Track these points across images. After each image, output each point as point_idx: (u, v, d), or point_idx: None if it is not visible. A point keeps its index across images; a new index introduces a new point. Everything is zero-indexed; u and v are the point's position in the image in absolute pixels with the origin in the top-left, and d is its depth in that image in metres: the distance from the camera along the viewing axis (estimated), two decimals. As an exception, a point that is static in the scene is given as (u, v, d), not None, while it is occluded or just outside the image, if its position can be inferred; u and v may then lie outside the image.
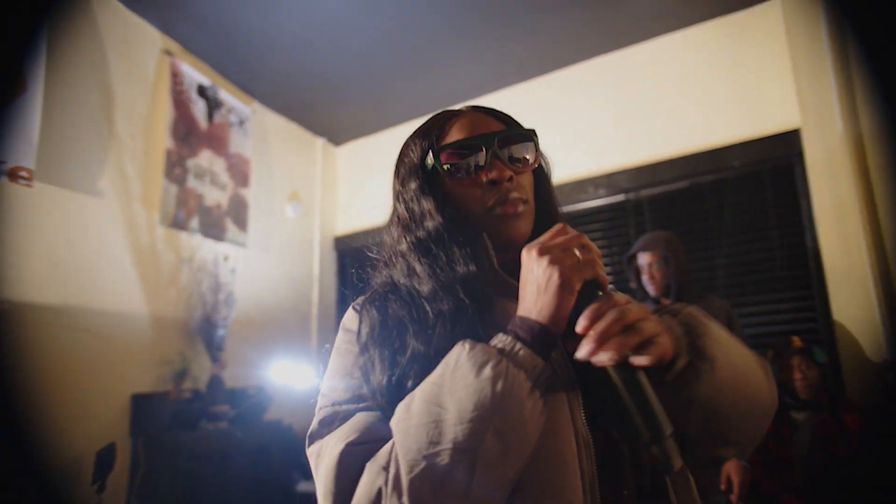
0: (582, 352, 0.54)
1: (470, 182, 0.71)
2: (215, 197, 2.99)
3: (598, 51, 3.11)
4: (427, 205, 0.72)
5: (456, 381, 0.54)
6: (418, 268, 0.71)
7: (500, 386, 0.52)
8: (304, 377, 3.18)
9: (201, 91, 2.98)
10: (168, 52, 2.79)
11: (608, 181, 3.02)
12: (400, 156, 0.81)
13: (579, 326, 0.54)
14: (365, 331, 0.70)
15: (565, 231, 0.59)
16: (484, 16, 2.75)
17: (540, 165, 0.77)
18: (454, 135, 0.73)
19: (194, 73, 2.94)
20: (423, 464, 0.52)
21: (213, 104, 3.06)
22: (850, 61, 2.09)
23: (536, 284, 0.57)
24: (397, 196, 0.79)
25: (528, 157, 0.73)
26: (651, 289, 2.20)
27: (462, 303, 0.65)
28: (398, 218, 0.77)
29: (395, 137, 3.94)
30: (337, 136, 4.13)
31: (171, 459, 2.33)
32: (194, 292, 2.74)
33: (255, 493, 2.67)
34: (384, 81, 3.36)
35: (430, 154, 0.73)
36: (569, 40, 3.01)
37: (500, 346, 0.56)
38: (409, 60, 3.13)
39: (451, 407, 0.53)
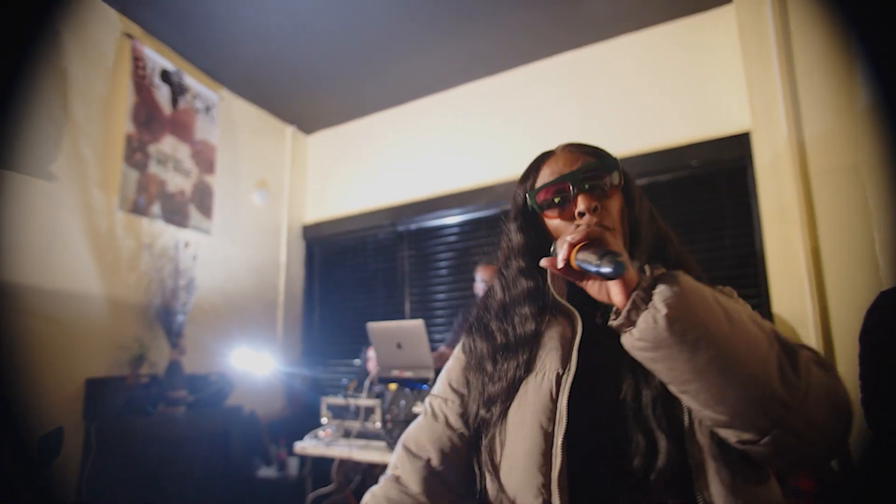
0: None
1: (563, 216, 0.80)
2: (178, 183, 2.97)
3: (559, 48, 3.16)
4: (525, 241, 0.85)
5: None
6: (495, 299, 0.89)
7: None
8: (266, 364, 3.20)
9: (165, 76, 2.95)
10: (129, 35, 2.76)
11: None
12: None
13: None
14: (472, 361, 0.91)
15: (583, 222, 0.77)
16: (451, 9, 2.77)
17: (627, 188, 0.83)
18: (544, 176, 0.83)
19: (157, 58, 2.91)
20: None
21: (178, 90, 3.04)
22: (794, 68, 2.16)
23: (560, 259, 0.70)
24: (504, 234, 0.91)
25: (612, 184, 0.80)
26: None
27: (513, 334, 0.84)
28: (501, 254, 0.90)
29: (367, 127, 3.96)
30: (307, 124, 4.12)
31: (126, 444, 2.34)
32: (154, 278, 2.74)
33: (214, 478, 2.70)
34: (355, 71, 3.36)
35: (527, 196, 0.84)
36: (531, 37, 3.05)
37: None
38: (380, 50, 3.14)
39: None
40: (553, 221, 0.81)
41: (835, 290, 1.99)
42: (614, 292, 0.64)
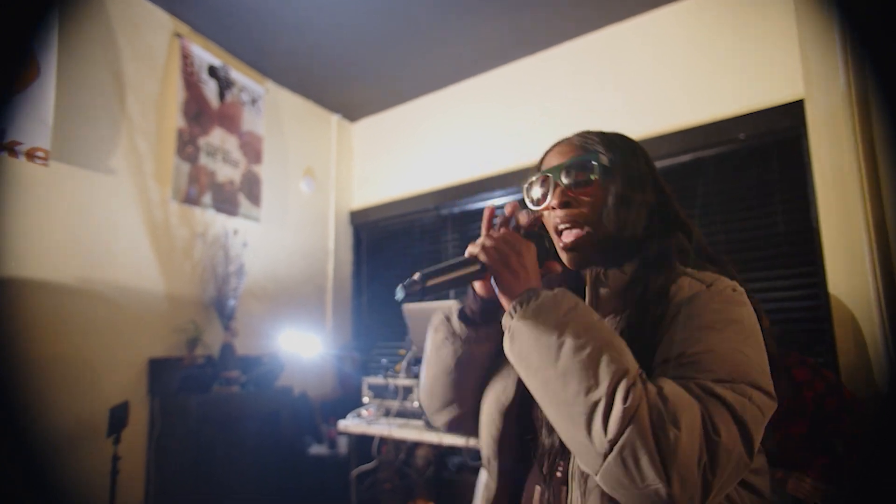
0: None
1: (542, 207, 0.84)
2: (227, 174, 3.11)
3: (601, 23, 3.00)
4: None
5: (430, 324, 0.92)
6: None
7: (436, 331, 0.89)
8: (315, 347, 3.32)
9: (212, 72, 3.08)
10: (178, 35, 2.90)
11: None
12: None
13: None
14: None
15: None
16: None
17: (611, 179, 0.81)
18: (545, 165, 0.88)
19: (204, 54, 3.04)
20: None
21: (225, 84, 3.16)
22: (855, 30, 1.94)
23: None
24: None
25: (592, 178, 0.80)
26: None
27: None
28: None
29: (409, 112, 3.97)
30: (352, 112, 4.18)
31: (184, 420, 2.51)
32: (207, 265, 2.89)
33: (267, 454, 2.85)
34: (395, 56, 3.36)
35: (524, 189, 0.88)
36: (573, 13, 2.92)
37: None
38: (419, 34, 3.12)
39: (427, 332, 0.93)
40: (540, 210, 0.85)
41: (907, 267, 1.79)
42: (502, 299, 0.74)
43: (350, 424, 2.54)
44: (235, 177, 3.16)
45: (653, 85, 2.85)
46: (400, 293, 0.67)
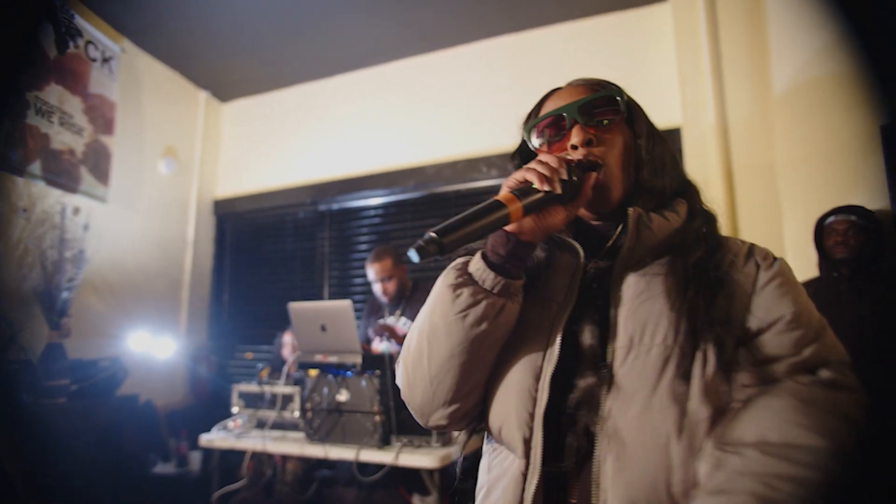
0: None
1: (559, 150, 0.74)
2: (66, 141, 2.59)
3: (497, 31, 3.11)
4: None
5: (437, 287, 0.70)
6: None
7: (454, 283, 0.67)
8: (166, 349, 2.90)
9: (49, 13, 2.55)
10: (8, -38, 2.34)
11: (500, 161, 3.04)
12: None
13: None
14: None
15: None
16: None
17: (632, 119, 0.77)
18: (545, 111, 0.78)
19: (44, -8, 2.50)
20: (416, 326, 0.73)
21: (68, 32, 2.64)
22: (721, 65, 2.28)
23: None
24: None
25: (614, 116, 0.75)
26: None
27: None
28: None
29: (290, 98, 3.70)
30: (223, 91, 3.78)
31: (-10, 439, 1.99)
32: (32, 248, 2.36)
33: (104, 476, 2.39)
34: (280, 36, 3.11)
35: (525, 130, 0.80)
36: (469, 17, 2.99)
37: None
38: (309, 16, 2.92)
39: (429, 301, 0.71)
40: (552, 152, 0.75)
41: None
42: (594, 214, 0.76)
43: (215, 438, 2.24)
44: (77, 146, 2.64)
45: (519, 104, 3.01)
46: (414, 256, 0.56)
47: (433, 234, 0.57)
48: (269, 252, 3.71)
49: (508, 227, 0.65)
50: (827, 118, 2.00)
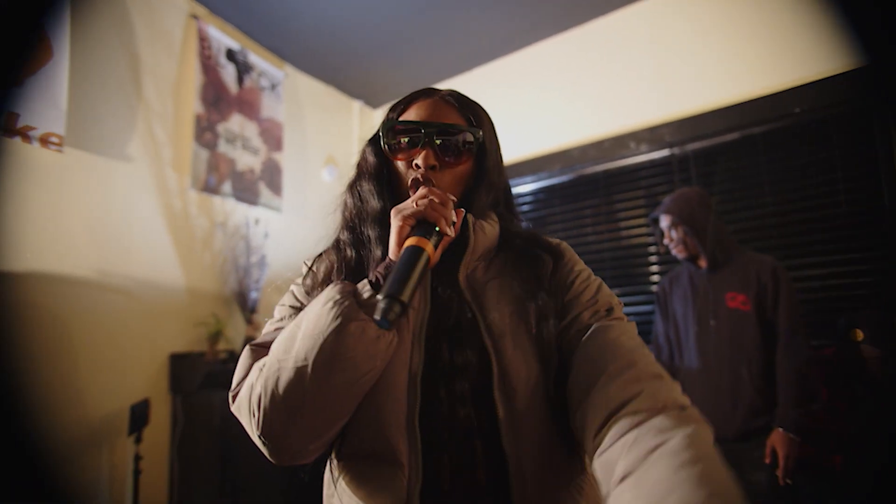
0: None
1: (402, 158, 0.81)
2: (247, 161, 3.00)
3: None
4: (368, 165, 0.85)
5: (311, 307, 0.69)
6: (345, 216, 0.87)
7: (332, 313, 0.65)
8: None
9: (230, 55, 2.96)
10: (195, 16, 2.78)
11: (650, 135, 2.75)
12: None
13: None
14: (308, 281, 0.87)
15: (419, 192, 0.73)
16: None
17: (481, 168, 0.84)
18: (409, 115, 0.83)
19: (222, 37, 2.91)
20: (276, 366, 0.67)
21: (243, 68, 3.04)
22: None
23: (392, 230, 0.72)
24: (360, 153, 0.90)
25: (466, 150, 0.81)
26: (675, 252, 2.04)
27: (363, 258, 0.81)
28: (352, 176, 0.90)
29: (432, 97, 3.81)
30: (374, 98, 4.04)
31: (206, 418, 2.40)
32: (228, 256, 2.78)
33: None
34: (417, 39, 3.21)
35: (382, 127, 0.84)
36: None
37: (354, 286, 0.70)
38: (442, 14, 2.96)
39: (303, 326, 0.67)
40: (397, 161, 0.82)
41: None
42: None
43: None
44: (256, 165, 3.05)
45: (694, 57, 2.64)
46: (385, 324, 0.60)
47: (389, 297, 0.60)
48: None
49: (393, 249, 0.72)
50: None
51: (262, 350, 0.77)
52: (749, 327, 1.84)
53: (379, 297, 0.61)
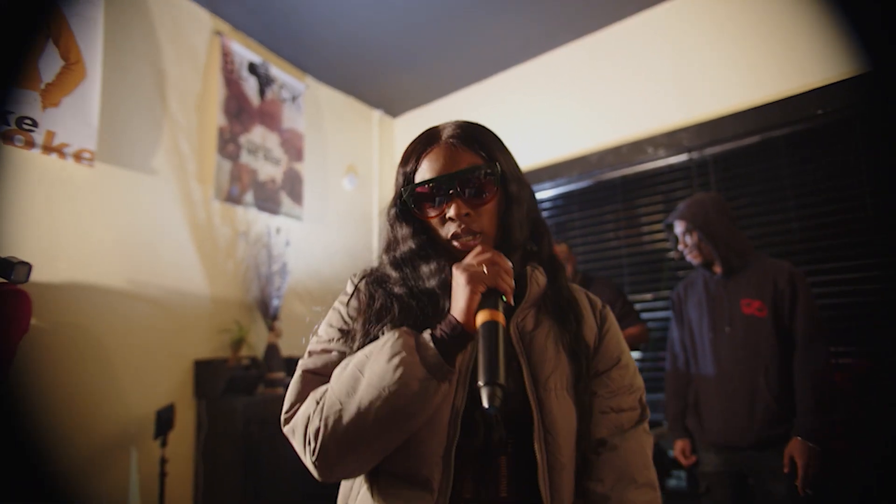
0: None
1: (434, 217, 0.83)
2: (269, 172, 3.07)
3: (650, 2, 2.79)
4: (402, 231, 0.87)
5: (376, 359, 0.72)
6: (395, 275, 0.87)
7: (398, 372, 0.69)
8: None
9: (252, 69, 3.05)
10: (218, 33, 2.87)
11: (668, 140, 2.72)
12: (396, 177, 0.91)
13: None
14: (353, 303, 0.88)
15: (481, 251, 0.75)
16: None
17: (507, 192, 0.85)
18: (424, 170, 0.83)
19: (245, 52, 3.00)
20: (337, 406, 0.72)
21: (265, 81, 3.13)
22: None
23: (456, 290, 0.73)
24: (385, 213, 0.91)
25: (492, 188, 0.82)
26: (689, 258, 2.01)
27: (418, 306, 0.82)
28: (384, 234, 0.92)
29: (451, 105, 3.84)
30: (393, 107, 4.09)
31: (230, 422, 2.47)
32: (250, 264, 2.86)
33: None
34: (435, 48, 3.25)
35: (404, 191, 0.85)
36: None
37: (418, 339, 0.73)
38: (459, 24, 2.99)
39: (367, 375, 0.72)
40: (430, 217, 0.84)
41: None
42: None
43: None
44: (277, 175, 3.12)
45: (714, 60, 2.61)
46: (492, 409, 0.61)
47: (491, 385, 0.62)
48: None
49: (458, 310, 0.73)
50: None
51: (315, 379, 0.80)
52: (765, 334, 1.80)
53: (480, 384, 0.62)
